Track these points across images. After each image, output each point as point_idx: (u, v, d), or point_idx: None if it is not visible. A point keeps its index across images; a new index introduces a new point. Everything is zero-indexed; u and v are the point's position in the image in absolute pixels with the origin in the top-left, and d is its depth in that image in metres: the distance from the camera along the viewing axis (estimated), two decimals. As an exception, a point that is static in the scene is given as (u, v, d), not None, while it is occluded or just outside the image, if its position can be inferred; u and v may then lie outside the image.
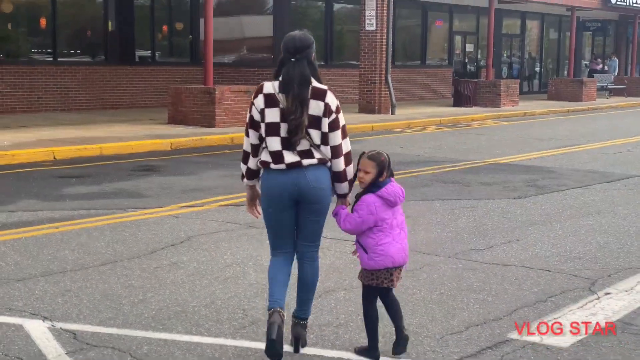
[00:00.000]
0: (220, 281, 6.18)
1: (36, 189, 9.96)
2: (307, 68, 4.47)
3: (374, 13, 21.01)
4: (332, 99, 4.51)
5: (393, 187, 4.53)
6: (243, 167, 4.75)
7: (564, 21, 34.62)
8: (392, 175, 4.61)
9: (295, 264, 4.80)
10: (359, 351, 4.72)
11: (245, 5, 24.07)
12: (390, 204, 4.51)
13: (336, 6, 25.16)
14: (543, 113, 24.58)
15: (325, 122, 4.47)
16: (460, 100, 25.02)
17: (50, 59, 19.38)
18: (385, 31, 21.17)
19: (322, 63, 24.26)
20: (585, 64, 36.43)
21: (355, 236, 4.63)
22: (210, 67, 16.90)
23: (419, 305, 5.67)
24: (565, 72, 34.46)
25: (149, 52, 22.09)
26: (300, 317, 4.75)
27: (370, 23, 21.10)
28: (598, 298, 5.86)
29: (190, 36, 23.08)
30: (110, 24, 20.98)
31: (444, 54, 30.14)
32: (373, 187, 4.52)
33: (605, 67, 35.12)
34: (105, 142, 13.64)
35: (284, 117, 4.45)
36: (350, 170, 4.63)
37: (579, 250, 7.41)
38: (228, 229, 8.01)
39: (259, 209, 4.80)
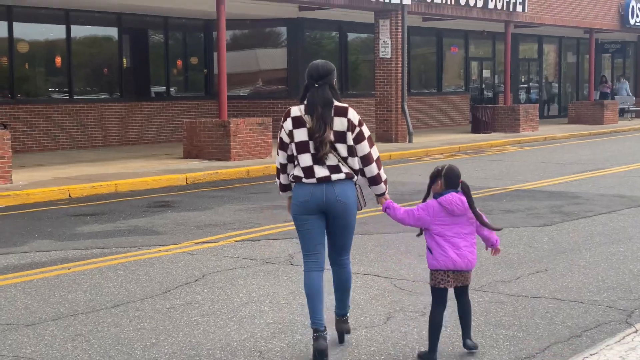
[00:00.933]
0: (235, 321, 5.92)
1: (50, 228, 9.77)
2: (329, 91, 5.05)
3: (388, 41, 20.86)
4: (353, 115, 5.05)
5: (451, 196, 5.00)
6: (277, 182, 5.34)
7: (582, 44, 34.35)
8: (456, 187, 5.05)
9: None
10: (421, 355, 5.14)
11: (259, 38, 24.02)
12: (448, 211, 4.98)
13: (350, 36, 25.06)
14: (564, 137, 24.25)
15: (350, 136, 5.00)
16: (478, 126, 24.74)
17: (67, 97, 19.35)
18: (400, 59, 21.01)
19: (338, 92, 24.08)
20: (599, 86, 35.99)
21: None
22: (225, 100, 16.77)
23: (445, 343, 5.37)
24: (585, 94, 34.08)
25: (164, 87, 22.04)
26: (341, 314, 5.34)
27: (385, 51, 20.95)
28: (636, 331, 5.53)
29: (205, 70, 23.03)
30: (125, 60, 20.96)
31: (460, 81, 29.93)
32: (437, 195, 5.08)
33: (613, 89, 34.67)
34: (121, 179, 13.48)
35: (311, 135, 4.98)
36: (383, 173, 5.16)
37: (612, 280, 7.09)
38: (244, 265, 7.76)
39: None
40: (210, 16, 19.24)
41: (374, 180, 5.14)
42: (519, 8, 24.67)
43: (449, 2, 22.04)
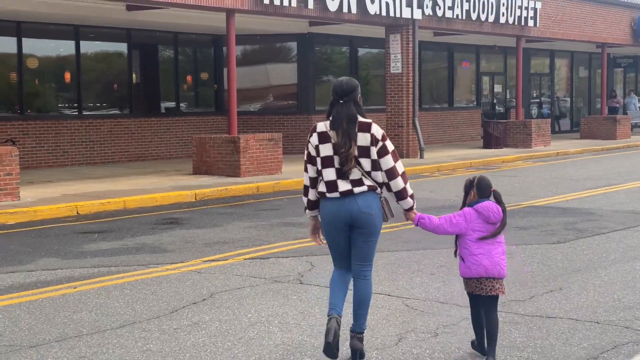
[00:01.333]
0: (243, 342, 5.78)
1: (57, 246, 9.67)
2: (353, 108, 5.24)
3: (399, 56, 20.77)
4: (376, 130, 5.21)
5: (486, 204, 5.25)
6: (304, 200, 5.43)
7: (594, 58, 34.17)
8: (488, 196, 5.31)
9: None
10: (474, 346, 5.52)
11: (269, 53, 23.97)
12: (484, 217, 5.21)
13: (361, 51, 24.98)
14: (576, 152, 24.05)
15: (374, 151, 5.14)
16: (490, 141, 24.58)
17: (76, 113, 19.31)
18: (411, 74, 20.91)
19: (349, 108, 23.98)
20: (608, 101, 35.70)
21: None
22: (234, 116, 16.69)
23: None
24: (597, 109, 33.85)
25: (174, 103, 21.99)
26: (357, 331, 5.31)
27: (395, 66, 20.85)
28: (655, 354, 5.37)
29: (215, 85, 22.98)
30: (134, 76, 20.93)
31: (472, 95, 29.79)
32: (472, 203, 5.29)
33: (620, 104, 34.41)
34: (129, 195, 13.38)
35: (336, 150, 5.15)
36: (409, 187, 5.28)
37: (629, 299, 6.91)
38: (253, 284, 7.63)
39: (322, 237, 5.50)
40: (220, 31, 19.20)
41: (401, 195, 5.27)
42: (531, 23, 24.54)
43: (460, 17, 21.93)
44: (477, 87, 29.66)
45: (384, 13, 19.42)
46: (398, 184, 5.20)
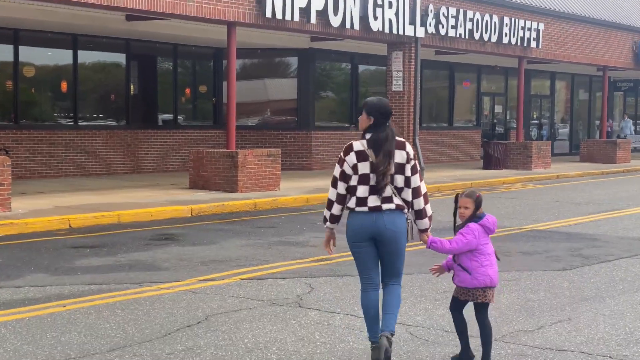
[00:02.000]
0: (240, 371, 5.48)
1: (47, 261, 9.35)
2: (392, 128, 5.51)
3: (400, 74, 20.55)
4: (410, 149, 5.52)
5: (491, 218, 5.59)
6: (327, 213, 5.61)
7: (594, 81, 34.04)
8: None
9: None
10: (454, 358, 5.71)
11: (269, 68, 23.75)
12: (489, 231, 5.53)
13: (361, 68, 24.77)
14: (577, 175, 23.81)
15: (408, 168, 5.43)
16: (490, 162, 24.33)
17: (71, 123, 19.02)
18: (412, 92, 20.69)
19: (348, 125, 23.77)
20: (597, 124, 35.51)
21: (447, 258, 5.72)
22: (233, 130, 16.42)
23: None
24: (598, 134, 33.65)
25: (172, 115, 21.71)
26: (386, 330, 5.43)
27: (397, 84, 20.63)
28: (677, 395, 5.08)
29: (214, 99, 22.72)
30: (132, 87, 20.66)
31: (472, 115, 29.58)
32: (474, 218, 5.54)
33: (615, 128, 34.24)
34: (124, 209, 13.08)
35: (373, 169, 5.39)
36: (429, 209, 5.54)
37: (642, 333, 6.63)
38: (250, 306, 7.32)
39: (332, 248, 5.72)
40: (220, 44, 18.97)
41: (420, 214, 5.53)
42: (533, 44, 24.37)
43: (463, 37, 21.74)
44: (477, 107, 29.46)
45: (386, 30, 19.22)
46: (420, 203, 5.48)
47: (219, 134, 21.67)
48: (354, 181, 5.46)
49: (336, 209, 5.56)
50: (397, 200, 5.43)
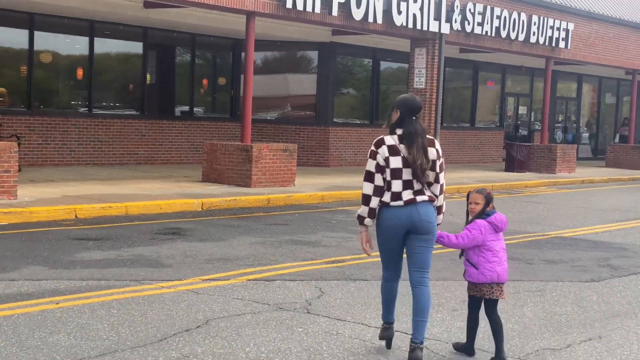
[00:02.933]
0: (238, 385, 4.99)
1: (47, 252, 8.91)
2: (421, 124, 5.57)
3: (423, 71, 19.98)
4: (439, 146, 5.63)
5: (500, 216, 5.70)
6: (364, 210, 5.59)
7: (622, 85, 33.25)
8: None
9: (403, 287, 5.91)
10: (458, 347, 5.91)
11: (289, 61, 23.24)
12: (497, 229, 5.65)
13: (383, 65, 24.19)
14: (602, 181, 23.13)
15: (437, 164, 5.53)
16: (512, 164, 23.71)
17: (86, 111, 18.62)
18: (435, 90, 20.11)
19: (367, 122, 23.23)
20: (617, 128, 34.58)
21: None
22: (249, 123, 15.94)
23: None
24: (617, 138, 32.82)
25: (188, 107, 21.26)
26: (417, 340, 5.52)
27: (419, 81, 20.06)
28: None
29: (232, 91, 22.25)
30: (149, 77, 20.23)
31: (495, 116, 28.93)
32: (483, 214, 5.68)
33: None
34: (133, 201, 12.63)
35: (405, 163, 5.46)
36: (445, 204, 5.70)
37: (681, 357, 6.07)
38: (254, 310, 6.84)
39: (370, 247, 5.72)
40: (240, 35, 18.49)
41: (439, 210, 5.64)
42: (562, 44, 23.68)
43: (489, 34, 21.11)
44: (501, 108, 28.80)
45: (410, 25, 18.65)
46: (442, 200, 5.62)
47: (235, 127, 21.20)
48: (387, 175, 5.51)
49: (374, 202, 5.56)
50: (428, 193, 5.54)
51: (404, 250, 5.64)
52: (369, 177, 5.54)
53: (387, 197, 5.52)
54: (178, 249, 9.48)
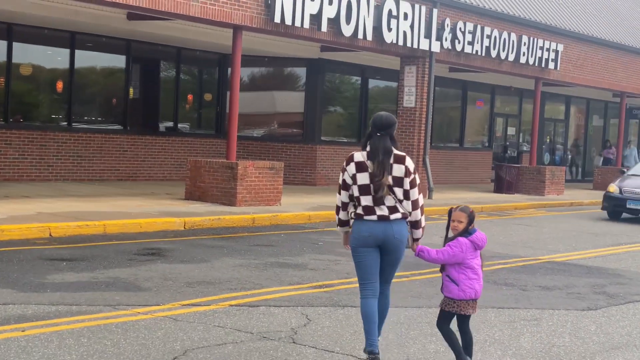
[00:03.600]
0: None
1: (16, 274, 8.41)
2: (389, 141, 5.72)
3: (413, 89, 19.65)
4: (410, 163, 5.75)
5: (481, 234, 5.79)
6: (336, 217, 5.95)
7: (610, 107, 33.09)
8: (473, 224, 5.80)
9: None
10: None
11: (277, 77, 22.86)
12: (477, 247, 5.75)
13: (372, 83, 23.84)
14: (591, 203, 22.81)
15: (407, 181, 5.69)
16: (501, 186, 23.38)
17: (65, 124, 18.11)
18: (424, 109, 19.77)
19: (355, 141, 22.86)
20: (600, 151, 34.29)
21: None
22: (234, 140, 15.51)
23: None
24: (601, 161, 32.55)
25: (172, 122, 20.79)
26: (374, 352, 5.73)
27: (409, 100, 19.72)
28: None
29: (218, 108, 21.81)
30: (132, 91, 19.76)
31: (484, 137, 28.63)
32: (465, 233, 5.73)
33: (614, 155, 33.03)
34: (111, 219, 12.15)
35: (372, 179, 5.66)
36: (423, 220, 5.85)
37: (695, 397, 5.67)
38: (237, 339, 6.39)
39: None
40: (226, 50, 18.11)
41: (415, 225, 5.81)
42: (551, 65, 23.45)
43: (479, 53, 20.83)
44: (490, 129, 28.51)
45: (400, 43, 18.32)
46: (417, 214, 5.76)
47: (221, 144, 20.75)
48: (355, 191, 5.72)
49: (342, 214, 5.89)
50: (402, 209, 5.71)
51: (378, 266, 5.80)
52: (339, 190, 5.89)
53: (360, 210, 5.73)
54: (157, 271, 9.01)
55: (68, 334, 6.25)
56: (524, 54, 22.30)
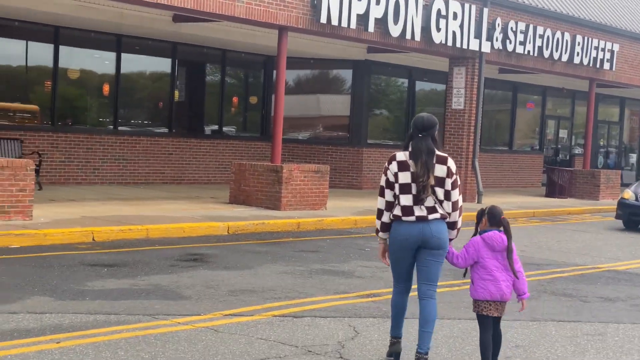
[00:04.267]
0: None
1: (56, 280, 8.19)
2: (431, 142, 5.72)
3: (462, 91, 19.13)
4: (452, 164, 5.76)
5: (492, 234, 5.74)
6: (378, 223, 5.88)
7: (666, 109, 32.11)
8: (499, 226, 5.76)
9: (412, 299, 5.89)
10: None
11: (323, 80, 22.51)
12: (492, 247, 5.71)
13: (419, 85, 23.36)
14: (648, 209, 21.97)
15: (449, 182, 5.70)
16: (553, 190, 22.70)
17: (111, 127, 18.01)
18: (474, 111, 19.24)
19: (400, 144, 22.36)
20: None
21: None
22: (279, 142, 15.21)
23: None
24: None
25: (217, 125, 20.58)
26: (422, 351, 5.68)
27: (458, 102, 19.21)
28: None
29: (263, 110, 21.54)
30: (177, 94, 19.60)
31: (534, 140, 27.92)
32: (482, 232, 5.79)
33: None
34: (155, 223, 11.92)
35: (414, 179, 5.67)
36: (460, 221, 5.81)
37: None
38: (280, 353, 6.04)
39: (388, 260, 5.94)
40: (271, 52, 17.81)
41: (452, 226, 5.78)
42: (606, 66, 22.71)
43: (531, 54, 20.23)
44: (541, 131, 27.79)
45: (449, 43, 17.84)
46: (456, 216, 5.75)
47: (266, 147, 20.47)
48: (397, 190, 5.72)
49: (385, 217, 5.83)
50: (440, 210, 5.70)
51: (415, 264, 5.83)
52: (381, 192, 5.82)
53: (398, 210, 5.72)
54: (199, 278, 8.71)
55: (105, 345, 5.96)
56: (577, 54, 21.62)
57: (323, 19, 15.12)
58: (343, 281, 9.10)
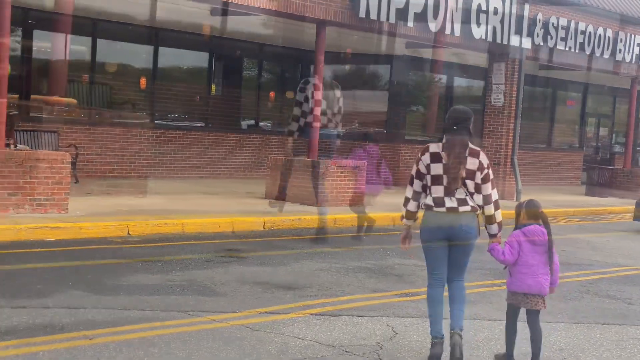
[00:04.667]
0: None
1: (90, 275, 8.12)
2: (466, 135, 5.78)
3: (502, 87, 18.82)
4: (484, 158, 5.83)
5: (533, 227, 5.77)
6: (403, 210, 5.98)
7: None
8: (537, 219, 5.79)
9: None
10: (498, 358, 5.98)
11: (360, 75, 22.32)
12: (529, 240, 5.72)
13: (457, 81, 23.05)
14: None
15: (479, 176, 5.75)
16: (593, 189, 22.27)
17: (147, 121, 18.00)
18: (514, 108, 18.92)
19: (437, 141, 22.12)
20: None
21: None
22: (316, 138, 15.06)
23: None
24: None
25: (253, 120, 20.49)
26: (456, 328, 5.75)
27: (497, 98, 18.90)
28: None
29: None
30: (214, 87, 19.54)
31: (574, 137, 27.45)
32: (521, 226, 5.82)
33: None
34: (190, 217, 11.84)
35: (445, 170, 5.73)
36: (499, 215, 5.81)
37: None
38: (317, 353, 5.89)
39: (408, 245, 6.04)
40: (309, 46, 17.64)
41: (489, 220, 5.83)
42: (650, 62, 22.23)
43: (572, 50, 19.83)
44: (581, 129, 27.31)
45: (489, 39, 17.53)
46: (490, 209, 5.79)
47: (303, 142, 20.29)
48: (428, 181, 5.80)
49: (411, 205, 5.92)
50: (471, 203, 5.75)
51: (447, 256, 5.85)
52: (411, 181, 5.92)
53: (429, 200, 5.79)
54: (234, 274, 8.59)
55: (138, 343, 5.86)
56: (620, 51, 21.18)
57: (362, 14, 14.94)
58: (381, 279, 8.93)
